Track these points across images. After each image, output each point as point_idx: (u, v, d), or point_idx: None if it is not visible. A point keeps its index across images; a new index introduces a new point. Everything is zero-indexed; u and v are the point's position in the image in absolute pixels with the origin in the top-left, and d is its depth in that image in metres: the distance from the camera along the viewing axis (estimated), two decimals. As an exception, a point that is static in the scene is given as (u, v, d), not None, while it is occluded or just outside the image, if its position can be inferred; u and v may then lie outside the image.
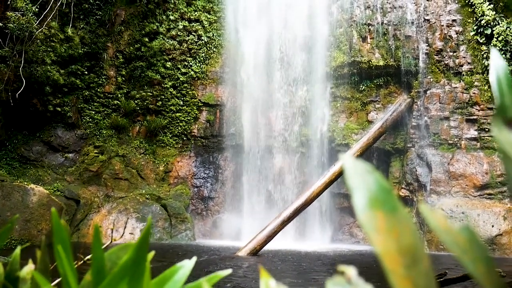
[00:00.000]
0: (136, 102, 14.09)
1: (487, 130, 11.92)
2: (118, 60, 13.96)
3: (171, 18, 14.37)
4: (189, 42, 14.40)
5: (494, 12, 11.94)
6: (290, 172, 13.39)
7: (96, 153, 13.24)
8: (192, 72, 14.29)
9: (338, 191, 13.09)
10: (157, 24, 14.22)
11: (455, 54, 12.51)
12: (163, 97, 14.22)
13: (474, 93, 12.17)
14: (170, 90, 14.22)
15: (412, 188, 12.28)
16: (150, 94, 14.15)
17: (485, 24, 11.98)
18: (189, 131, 14.26)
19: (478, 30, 12.17)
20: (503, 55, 11.63)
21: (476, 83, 12.22)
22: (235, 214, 13.38)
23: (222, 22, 14.60)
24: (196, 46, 14.43)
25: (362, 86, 13.44)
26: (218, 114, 14.25)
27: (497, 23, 11.83)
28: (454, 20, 12.66)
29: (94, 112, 13.74)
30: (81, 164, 13.10)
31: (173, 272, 0.65)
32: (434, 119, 12.36)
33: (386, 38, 13.16)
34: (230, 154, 14.15)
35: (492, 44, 11.81)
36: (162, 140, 14.26)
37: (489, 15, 11.85)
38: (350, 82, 13.52)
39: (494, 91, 0.50)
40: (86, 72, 13.47)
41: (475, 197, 11.44)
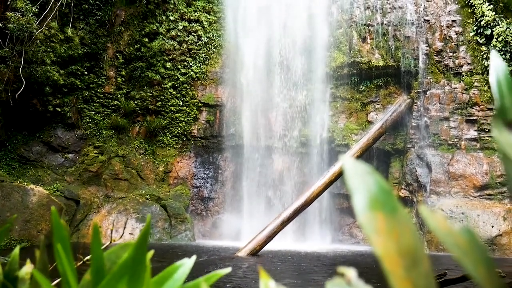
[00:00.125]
0: (136, 102, 14.09)
1: (487, 130, 11.93)
2: (118, 60, 13.96)
3: (171, 18, 14.37)
4: (189, 43, 14.40)
5: (494, 12, 11.94)
6: (289, 172, 13.39)
7: (96, 153, 13.24)
8: (192, 72, 14.29)
9: (338, 192, 13.09)
10: (157, 24, 14.23)
11: (455, 54, 12.51)
12: (163, 97, 14.22)
13: (474, 93, 12.17)
14: (170, 90, 14.23)
15: (412, 188, 12.28)
16: (150, 94, 14.15)
17: (485, 24, 11.98)
18: (189, 132, 14.26)
19: (478, 31, 12.17)
20: (503, 56, 11.63)
21: (476, 84, 12.22)
22: (235, 214, 13.37)
23: (222, 23, 14.60)
24: (196, 47, 14.43)
25: (362, 87, 13.44)
26: (218, 115, 14.25)
27: (497, 24, 11.83)
28: (454, 20, 12.67)
29: (94, 112, 13.74)
30: (80, 164, 13.10)
31: (172, 270, 0.65)
32: (434, 120, 12.36)
33: (386, 38, 13.17)
34: (230, 154, 14.15)
35: (492, 44, 11.82)
36: (162, 140, 14.26)
37: (489, 16, 11.86)
38: (350, 82, 13.52)
39: (494, 93, 0.50)
40: (86, 72, 13.47)
41: (475, 197, 11.44)
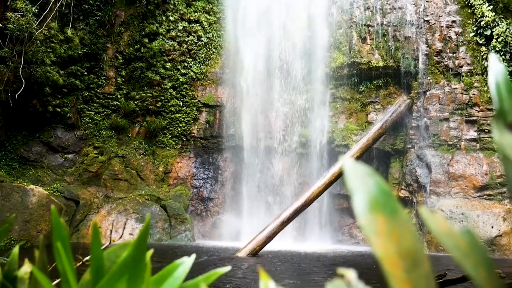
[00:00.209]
0: (135, 103, 14.09)
1: (487, 131, 11.93)
2: (118, 61, 13.96)
3: (171, 19, 14.37)
4: (188, 43, 14.40)
5: (494, 13, 11.95)
6: (289, 173, 13.38)
7: (95, 153, 13.23)
8: (191, 73, 14.29)
9: (337, 192, 13.09)
10: (156, 25, 14.23)
11: (455, 55, 12.51)
12: (163, 98, 14.22)
13: (474, 94, 12.18)
14: (169, 91, 14.23)
15: (411, 189, 12.28)
16: (150, 95, 14.15)
17: (484, 25, 11.98)
18: (188, 132, 14.26)
19: (478, 31, 12.17)
20: (503, 56, 11.63)
21: (475, 84, 12.22)
22: (235, 215, 13.37)
23: (222, 23, 14.60)
24: (195, 47, 14.43)
25: (361, 87, 13.44)
26: (218, 115, 14.25)
27: (496, 24, 11.84)
28: (453, 21, 12.67)
29: (93, 112, 13.74)
30: (80, 164, 13.09)
31: (172, 269, 0.65)
32: (433, 120, 12.37)
33: (385, 39, 13.17)
34: (229, 155, 14.15)
35: (491, 45, 11.82)
36: (161, 140, 14.26)
37: (488, 16, 11.86)
38: (349, 83, 13.52)
39: (493, 96, 0.50)
40: (85, 73, 13.47)
41: (475, 198, 11.44)
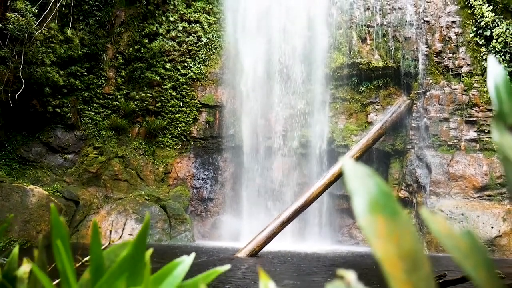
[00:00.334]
0: (135, 103, 14.09)
1: (487, 131, 11.93)
2: (118, 61, 13.96)
3: (171, 19, 14.38)
4: (188, 43, 14.40)
5: (494, 13, 11.95)
6: (289, 174, 13.38)
7: (95, 154, 13.23)
8: (191, 73, 14.29)
9: (337, 193, 13.08)
10: (156, 25, 14.23)
11: (455, 55, 12.52)
12: (163, 98, 14.22)
13: (474, 94, 12.18)
14: (169, 91, 14.23)
15: (411, 189, 12.27)
16: (150, 95, 14.15)
17: (484, 25, 11.99)
18: (188, 132, 14.26)
19: (478, 32, 12.18)
20: (502, 57, 11.64)
21: (475, 85, 12.23)
22: (235, 215, 13.36)
23: (222, 24, 14.61)
24: (195, 47, 14.43)
25: (361, 88, 13.44)
26: (218, 115, 14.25)
27: (496, 25, 11.84)
28: (453, 21, 12.68)
29: (93, 113, 13.74)
30: (80, 165, 13.09)
31: (172, 267, 0.64)
32: (433, 121, 12.37)
33: (385, 39, 13.18)
34: (229, 155, 14.14)
35: (491, 45, 11.83)
36: (161, 141, 14.26)
37: (488, 17, 11.86)
38: (349, 83, 13.52)
39: (492, 98, 0.50)
40: (85, 73, 13.47)
41: (475, 198, 11.44)
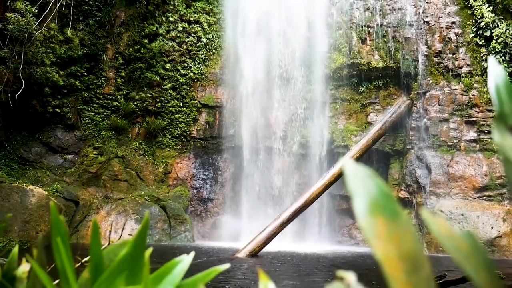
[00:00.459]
0: (135, 103, 14.09)
1: (487, 132, 11.93)
2: (118, 61, 13.96)
3: (171, 19, 14.38)
4: (188, 44, 14.41)
5: (493, 14, 11.95)
6: (289, 174, 13.38)
7: (95, 154, 13.23)
8: (191, 73, 14.29)
9: (337, 193, 13.08)
10: (156, 25, 14.23)
11: (455, 56, 12.52)
12: (163, 98, 14.22)
13: (474, 95, 12.18)
14: (169, 91, 14.23)
15: (411, 189, 12.27)
16: (150, 95, 14.15)
17: (484, 26, 11.99)
18: (188, 133, 14.26)
19: (478, 32, 12.18)
20: (502, 57, 11.64)
21: (475, 85, 12.23)
22: (234, 215, 13.36)
23: (222, 24, 14.61)
24: (195, 48, 14.44)
25: (361, 88, 13.44)
26: (218, 116, 14.25)
27: (496, 25, 11.85)
28: (453, 22, 12.68)
29: (93, 113, 13.73)
30: (80, 165, 13.08)
31: (171, 266, 0.64)
32: (433, 121, 12.37)
33: (385, 40, 13.18)
34: (229, 155, 14.14)
35: (491, 46, 11.83)
36: (161, 141, 14.26)
37: (488, 17, 11.87)
38: (349, 83, 13.52)
39: (493, 99, 0.49)
40: (85, 73, 13.47)
41: (475, 199, 11.44)
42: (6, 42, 11.22)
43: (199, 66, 14.40)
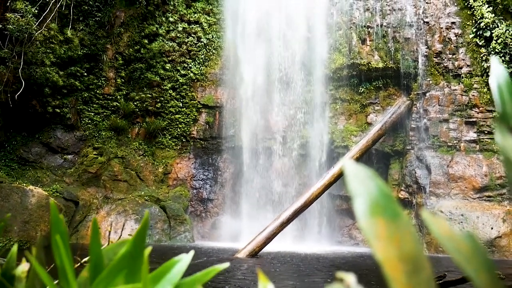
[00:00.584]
0: (135, 103, 14.09)
1: (486, 132, 11.93)
2: (118, 61, 13.96)
3: (171, 20, 14.38)
4: (188, 44, 14.41)
5: (493, 14, 11.95)
6: (289, 174, 13.37)
7: (95, 154, 13.22)
8: (191, 74, 14.29)
9: (337, 193, 13.08)
10: (156, 26, 14.23)
11: (454, 56, 12.52)
12: (163, 98, 14.22)
13: (473, 95, 12.18)
14: (169, 91, 14.23)
15: (411, 190, 12.27)
16: (149, 95, 14.15)
17: (484, 26, 11.99)
18: (188, 133, 14.26)
19: (477, 33, 12.18)
20: (502, 58, 11.64)
21: (475, 86, 12.23)
22: (234, 216, 13.35)
23: (222, 24, 14.61)
24: (195, 48, 14.44)
25: (361, 88, 13.44)
26: (218, 116, 14.24)
27: (496, 26, 11.84)
28: (453, 22, 12.68)
29: (93, 113, 13.73)
30: (80, 165, 13.08)
31: (171, 265, 0.64)
32: (433, 121, 12.37)
33: (385, 40, 13.18)
34: (229, 156, 14.14)
35: (491, 46, 11.83)
36: (161, 141, 14.25)
37: (488, 18, 11.87)
38: (349, 84, 13.52)
39: (495, 99, 0.49)
40: (85, 73, 13.47)
41: (474, 199, 11.43)
42: (6, 42, 11.22)
43: (199, 67, 14.40)
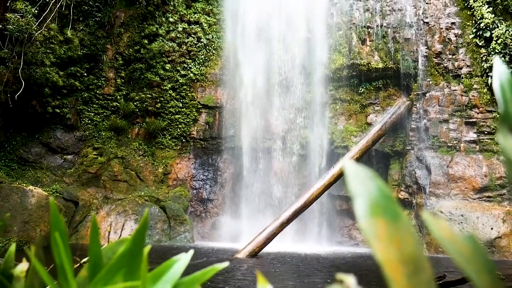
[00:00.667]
0: (135, 104, 14.08)
1: (486, 132, 11.93)
2: (118, 62, 13.96)
3: (171, 20, 14.38)
4: (188, 44, 14.41)
5: (493, 15, 11.95)
6: (288, 174, 13.37)
7: (95, 154, 13.22)
8: (191, 74, 14.29)
9: (337, 193, 13.08)
10: (156, 26, 14.23)
11: (454, 56, 12.52)
12: (162, 99, 14.22)
13: (473, 95, 12.18)
14: (169, 92, 14.22)
15: (411, 190, 12.27)
16: (149, 96, 14.15)
17: (484, 27, 11.99)
18: (188, 133, 14.25)
19: (477, 33, 12.18)
20: (502, 58, 11.64)
21: (475, 86, 12.23)
22: (234, 216, 13.35)
23: (222, 25, 14.61)
24: (195, 48, 14.43)
25: (361, 89, 13.44)
26: (217, 116, 14.24)
27: (496, 26, 11.84)
28: (453, 22, 12.68)
29: (93, 114, 13.73)
30: (80, 165, 13.08)
31: (170, 264, 0.64)
32: (433, 122, 12.37)
33: (385, 40, 13.18)
34: (229, 156, 14.13)
35: (491, 47, 11.83)
36: (161, 142, 14.25)
37: (488, 18, 11.87)
38: (349, 84, 13.52)
39: (498, 99, 0.49)
40: (85, 73, 13.47)
41: (474, 199, 11.43)
42: (6, 42, 11.22)
43: (199, 67, 14.40)
